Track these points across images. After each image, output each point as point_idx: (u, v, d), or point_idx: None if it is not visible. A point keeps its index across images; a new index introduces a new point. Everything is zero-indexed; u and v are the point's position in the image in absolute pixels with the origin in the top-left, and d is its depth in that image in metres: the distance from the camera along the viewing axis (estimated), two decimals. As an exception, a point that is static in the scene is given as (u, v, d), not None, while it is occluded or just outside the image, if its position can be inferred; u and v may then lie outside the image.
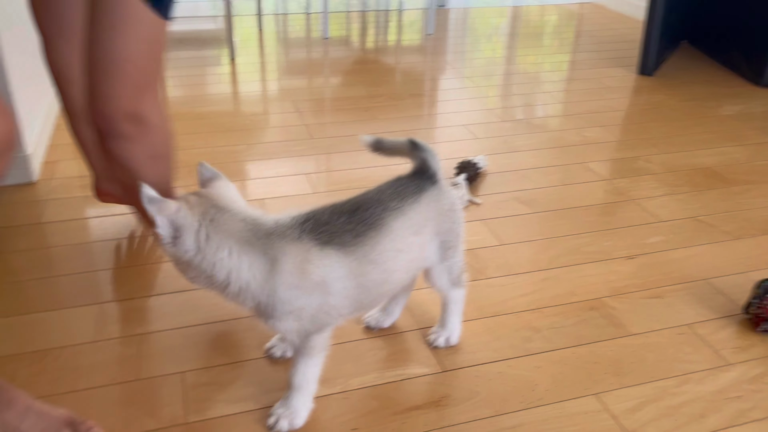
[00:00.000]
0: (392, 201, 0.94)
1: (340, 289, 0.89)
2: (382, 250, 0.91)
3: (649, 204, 1.59)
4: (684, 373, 1.07)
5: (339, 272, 0.88)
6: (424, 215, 0.97)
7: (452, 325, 1.12)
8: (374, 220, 0.91)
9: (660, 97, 2.31)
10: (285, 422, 0.94)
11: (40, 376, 1.03)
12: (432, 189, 0.99)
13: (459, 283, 1.08)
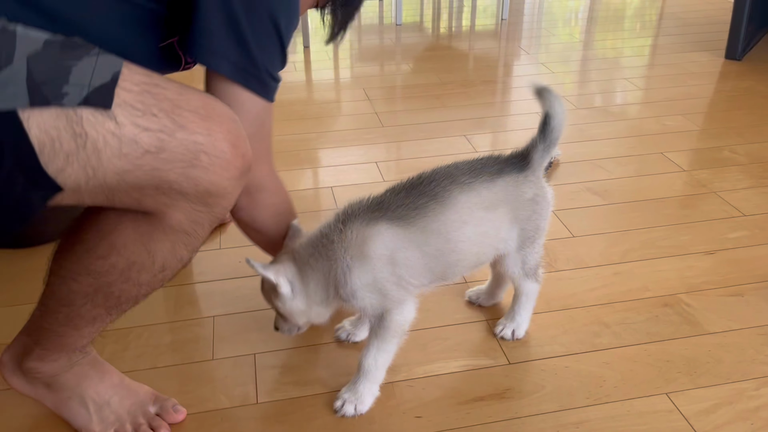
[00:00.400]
0: (463, 176, 0.97)
1: (404, 259, 0.92)
2: (445, 221, 0.94)
3: (732, 197, 1.52)
4: (763, 375, 1.03)
5: (397, 243, 0.92)
6: (499, 196, 0.98)
7: (520, 318, 1.11)
8: (437, 192, 0.94)
9: (748, 83, 2.19)
10: (351, 407, 0.97)
11: (125, 353, 1.09)
12: (515, 174, 1.00)
13: (533, 276, 1.08)
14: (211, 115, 0.76)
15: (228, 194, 0.80)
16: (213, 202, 0.79)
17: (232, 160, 0.77)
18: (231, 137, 0.77)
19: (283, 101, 2.11)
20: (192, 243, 0.83)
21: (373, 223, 0.92)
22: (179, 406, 0.96)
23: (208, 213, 0.80)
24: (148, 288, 0.85)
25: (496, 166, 1.00)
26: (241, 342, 1.11)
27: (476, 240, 0.98)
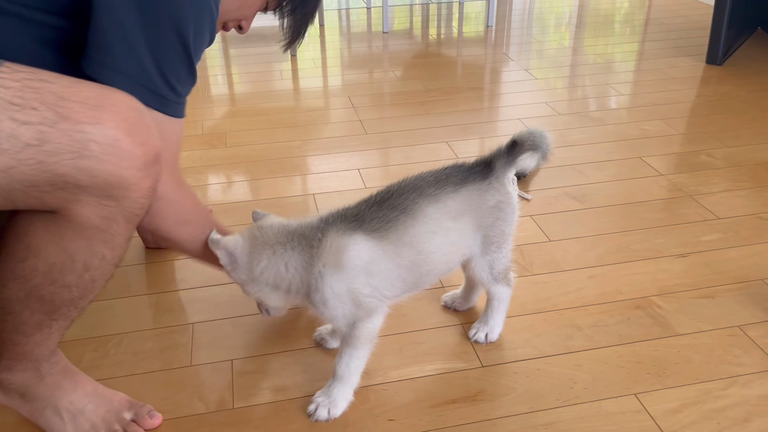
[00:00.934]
0: (429, 188, 0.99)
1: (378, 271, 0.95)
2: (415, 233, 0.96)
3: (707, 200, 1.54)
4: (731, 375, 1.05)
5: (372, 255, 0.94)
6: (463, 205, 1.00)
7: (494, 321, 1.13)
8: (407, 205, 0.97)
9: (728, 88, 2.21)
10: (324, 411, 0.99)
11: (104, 360, 1.11)
12: (479, 182, 1.02)
13: (503, 280, 1.10)
14: (102, 105, 0.75)
15: (133, 186, 0.78)
16: (119, 195, 0.78)
17: (130, 149, 0.76)
18: (126, 125, 0.76)
19: (270, 109, 2.14)
20: (111, 240, 0.82)
21: (349, 234, 0.94)
22: (155, 412, 0.97)
23: (117, 207, 0.79)
24: (80, 290, 0.85)
25: (460, 175, 1.02)
26: (219, 348, 1.13)
27: (446, 249, 1.00)
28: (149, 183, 0.81)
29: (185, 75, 0.90)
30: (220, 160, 1.79)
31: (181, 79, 0.90)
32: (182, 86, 0.92)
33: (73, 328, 1.17)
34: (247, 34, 2.98)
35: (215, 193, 1.63)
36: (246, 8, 1.04)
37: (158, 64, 0.86)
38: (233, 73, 2.51)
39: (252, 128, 2.00)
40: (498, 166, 1.02)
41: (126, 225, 0.83)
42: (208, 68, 2.57)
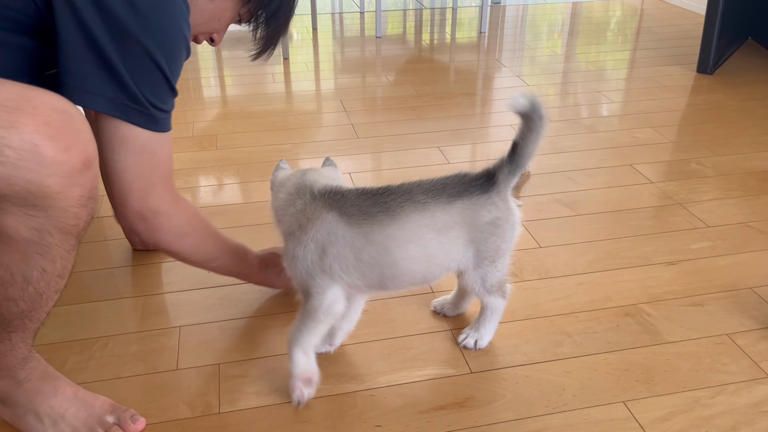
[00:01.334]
0: (421, 195, 0.98)
1: (336, 254, 0.96)
2: (388, 234, 0.95)
3: (697, 208, 1.54)
4: (719, 384, 1.05)
5: (335, 237, 0.96)
6: (455, 219, 0.98)
7: (485, 329, 1.13)
8: (391, 206, 0.96)
9: (718, 97, 2.23)
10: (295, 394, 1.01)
11: (89, 363, 1.10)
12: (477, 195, 0.99)
13: (497, 292, 1.08)
14: (21, 107, 0.70)
15: (58, 195, 0.74)
16: (44, 205, 0.74)
17: (52, 155, 0.72)
18: (47, 129, 0.71)
19: (262, 112, 2.13)
20: (48, 253, 0.79)
21: (326, 209, 0.97)
22: (138, 416, 0.96)
23: (46, 218, 0.76)
24: (27, 303, 0.83)
25: (459, 187, 0.99)
26: (206, 352, 1.12)
27: (421, 260, 0.98)
28: (79, 191, 0.77)
29: (165, 92, 0.91)
30: (211, 163, 1.78)
31: (162, 97, 0.91)
32: (164, 103, 0.92)
33: (57, 330, 1.16)
34: (239, 36, 2.98)
35: (205, 196, 1.62)
36: (215, 22, 1.03)
37: (139, 83, 0.86)
38: (225, 75, 2.50)
39: (243, 131, 1.99)
40: (501, 178, 1.00)
41: (62, 236, 0.79)
42: (200, 70, 2.56)
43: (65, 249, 0.81)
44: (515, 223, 1.03)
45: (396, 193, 0.98)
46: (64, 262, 0.83)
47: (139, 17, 0.83)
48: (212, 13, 1.01)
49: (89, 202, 0.80)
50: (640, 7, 3.52)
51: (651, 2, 3.61)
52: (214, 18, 1.02)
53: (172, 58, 0.89)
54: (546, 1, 3.70)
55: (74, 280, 1.30)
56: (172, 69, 0.90)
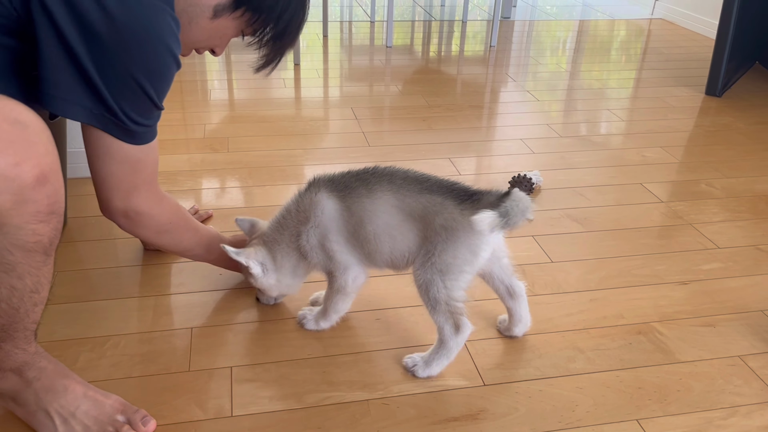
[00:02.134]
0: (401, 180, 1.03)
1: (332, 228, 1.06)
2: (365, 207, 1.03)
3: (707, 229, 1.55)
4: (732, 405, 1.05)
5: (327, 213, 1.05)
6: (417, 210, 1.02)
7: (430, 359, 1.07)
8: (372, 182, 1.04)
9: (727, 120, 2.24)
10: (312, 323, 1.16)
11: (100, 361, 1.09)
12: (450, 201, 1.00)
13: (445, 316, 1.03)
14: None
15: (9, 212, 0.71)
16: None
17: (1, 171, 0.69)
18: None
19: (272, 116, 2.13)
20: (13, 270, 0.76)
21: (315, 192, 1.07)
22: (149, 418, 0.95)
23: (0, 236, 0.72)
24: (4, 318, 0.82)
25: (438, 186, 1.02)
26: (218, 354, 1.11)
27: (385, 237, 1.04)
28: (34, 207, 0.74)
29: (147, 108, 0.90)
30: (222, 165, 1.78)
31: (144, 112, 0.90)
32: (146, 119, 0.92)
33: (68, 327, 1.15)
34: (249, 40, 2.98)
35: (216, 198, 1.61)
36: (216, 39, 1.01)
37: (118, 102, 0.86)
38: (235, 78, 2.51)
39: (254, 134, 1.99)
40: (483, 204, 0.99)
41: (24, 254, 0.76)
42: (208, 72, 2.56)
43: (32, 266, 0.79)
44: (477, 249, 1.00)
45: (379, 173, 1.05)
46: (34, 278, 0.80)
47: (119, 35, 0.81)
48: (213, 31, 0.99)
49: (50, 218, 0.77)
50: (648, 27, 3.54)
51: (658, 23, 3.64)
52: (215, 36, 1.00)
53: (156, 75, 0.87)
54: (554, 17, 3.73)
55: (84, 277, 1.29)
56: (156, 86, 0.88)
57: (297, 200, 1.10)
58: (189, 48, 1.01)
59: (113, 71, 0.83)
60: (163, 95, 0.91)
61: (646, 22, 3.67)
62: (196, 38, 0.98)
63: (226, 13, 0.96)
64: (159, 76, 0.88)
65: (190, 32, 0.96)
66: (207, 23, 0.97)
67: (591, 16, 3.80)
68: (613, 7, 4.02)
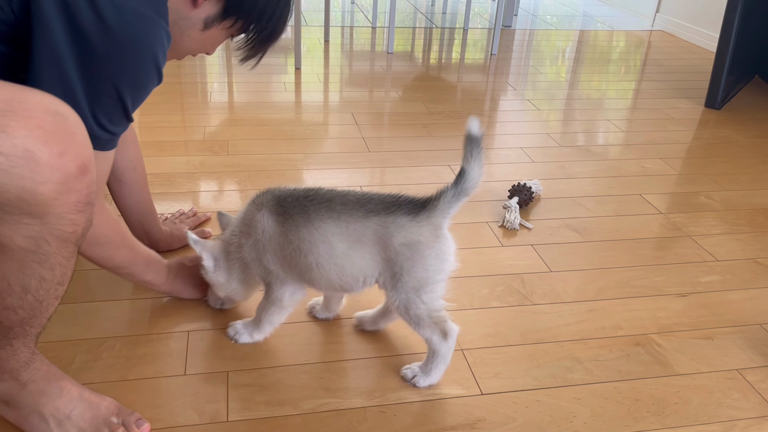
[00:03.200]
0: (341, 205, 1.00)
1: (269, 249, 1.04)
2: (300, 237, 1.00)
3: (706, 242, 1.55)
4: (729, 419, 1.05)
5: (266, 234, 1.04)
6: (368, 234, 0.98)
7: (428, 369, 1.07)
8: (310, 210, 1.00)
9: (726, 132, 2.25)
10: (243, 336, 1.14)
11: (96, 363, 1.08)
12: (395, 216, 0.98)
13: (431, 328, 1.03)
14: (13, 109, 0.67)
15: (53, 202, 0.72)
16: (38, 212, 0.72)
17: (46, 160, 0.69)
18: (41, 133, 0.69)
19: (272, 120, 2.13)
20: (46, 261, 0.77)
21: (258, 209, 1.05)
22: (143, 421, 0.95)
23: (41, 225, 0.73)
24: (27, 311, 0.81)
25: (382, 205, 0.98)
26: (215, 358, 1.11)
27: (329, 268, 1.00)
28: (75, 197, 0.75)
29: (119, 117, 0.89)
30: (222, 168, 1.78)
31: (114, 120, 0.89)
32: (115, 127, 0.91)
33: (64, 328, 1.15)
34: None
35: (214, 201, 1.61)
36: (208, 46, 1.02)
37: (92, 108, 0.85)
38: (236, 81, 2.50)
39: (254, 137, 1.98)
40: (442, 203, 0.97)
41: (60, 244, 0.77)
42: (208, 74, 2.56)
43: (64, 256, 0.80)
44: (444, 254, 0.99)
45: (318, 198, 1.01)
46: (63, 270, 0.81)
47: (111, 43, 0.81)
48: (204, 40, 1.00)
49: (86, 208, 0.78)
50: (648, 39, 3.56)
51: (658, 35, 3.65)
52: (206, 44, 1.01)
53: (138, 87, 0.87)
54: (554, 27, 3.74)
55: (80, 278, 1.28)
56: (134, 97, 0.88)
57: (244, 211, 1.08)
58: (182, 55, 1.01)
59: (96, 77, 0.83)
60: (137, 107, 0.91)
61: (647, 33, 3.68)
62: (189, 48, 1.00)
63: (216, 24, 0.97)
64: (140, 87, 0.88)
65: (182, 43, 0.97)
66: (198, 35, 0.98)
67: (591, 26, 3.82)
68: (614, 18, 4.03)
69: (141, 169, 1.29)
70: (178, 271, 1.21)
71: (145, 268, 1.15)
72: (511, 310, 1.27)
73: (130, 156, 1.26)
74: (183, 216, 1.50)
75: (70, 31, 0.79)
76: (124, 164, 1.25)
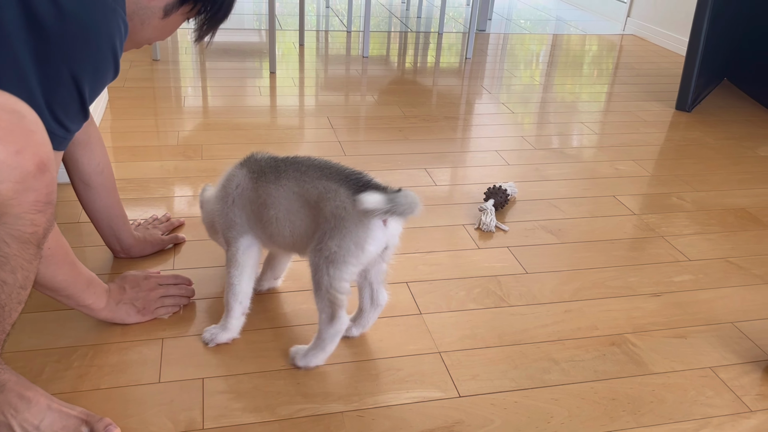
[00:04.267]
0: (305, 167, 1.07)
1: (238, 204, 1.11)
2: (269, 193, 1.08)
3: (678, 242, 1.57)
4: (704, 417, 1.06)
5: (239, 189, 1.12)
6: (312, 197, 1.04)
7: (309, 350, 1.09)
8: (281, 170, 1.08)
9: (696, 134, 2.29)
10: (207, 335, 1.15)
11: (67, 372, 1.06)
12: (337, 188, 1.02)
13: (324, 304, 1.04)
14: None
15: (10, 201, 0.71)
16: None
17: (3, 159, 0.68)
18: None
19: (247, 124, 2.11)
20: (7, 263, 0.75)
21: (239, 167, 1.13)
22: (113, 427, 0.92)
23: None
24: None
25: (340, 175, 1.03)
26: (189, 366, 1.09)
27: (285, 223, 1.07)
28: (34, 197, 0.73)
29: (75, 111, 0.88)
30: (196, 172, 1.76)
31: (70, 115, 0.88)
32: (71, 123, 0.89)
33: (33, 337, 1.12)
34: (224, 48, 2.96)
35: (188, 206, 1.59)
36: (167, 32, 1.02)
37: (48, 100, 0.83)
38: (208, 86, 2.48)
39: (229, 142, 1.97)
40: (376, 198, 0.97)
41: (20, 246, 0.75)
42: (182, 79, 2.53)
43: (25, 259, 0.78)
44: (361, 242, 0.99)
45: (292, 162, 1.09)
46: (25, 273, 0.79)
47: (66, 29, 0.79)
48: (164, 27, 1.00)
49: (46, 207, 0.76)
50: (619, 43, 3.61)
51: (629, 39, 3.70)
52: (166, 31, 1.01)
53: (95, 75, 0.85)
54: (528, 31, 3.77)
55: (52, 285, 1.26)
56: (91, 87, 0.86)
57: (227, 171, 1.16)
58: (141, 44, 1.01)
59: (52, 65, 0.81)
60: (93, 99, 0.89)
61: (618, 37, 3.74)
62: (149, 36, 0.99)
63: (175, 10, 0.98)
64: (97, 76, 0.86)
65: (142, 32, 0.96)
66: (158, 23, 0.98)
67: (564, 30, 3.86)
68: (586, 23, 4.08)
69: (109, 172, 1.27)
70: (119, 297, 1.15)
71: (86, 290, 1.08)
72: (488, 312, 1.28)
73: (98, 159, 1.24)
74: (156, 221, 1.48)
75: (24, 17, 0.77)
76: (92, 168, 1.23)
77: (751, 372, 1.16)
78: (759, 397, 1.10)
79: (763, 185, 1.91)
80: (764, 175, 1.98)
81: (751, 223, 1.68)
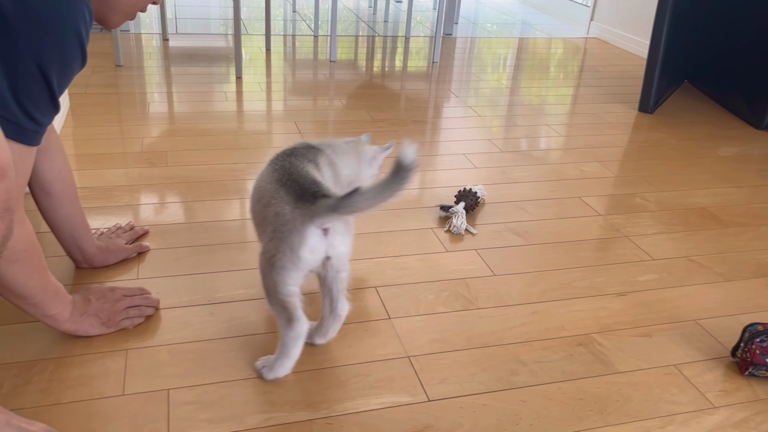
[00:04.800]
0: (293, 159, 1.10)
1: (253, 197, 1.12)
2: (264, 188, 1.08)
3: (642, 241, 1.60)
4: (669, 414, 1.07)
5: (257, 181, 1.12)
6: (266, 197, 1.06)
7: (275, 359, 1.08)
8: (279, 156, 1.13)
9: (659, 136, 2.33)
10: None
11: (27, 387, 1.03)
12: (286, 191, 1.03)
13: (279, 313, 1.04)
14: None
15: None
16: None
17: None
18: None
19: (213, 130, 2.09)
20: None
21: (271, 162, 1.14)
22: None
23: None
24: None
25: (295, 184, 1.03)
26: (155, 377, 1.07)
27: (259, 219, 1.09)
28: None
29: (45, 104, 0.86)
30: (161, 179, 1.73)
31: (41, 107, 0.86)
32: (42, 116, 0.88)
33: (-8, 352, 1.09)
34: (190, 54, 2.93)
35: (154, 213, 1.56)
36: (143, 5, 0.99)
37: (15, 92, 0.81)
38: (174, 91, 2.45)
39: (195, 148, 1.94)
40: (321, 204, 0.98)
41: None
42: (147, 84, 2.50)
43: None
44: (294, 247, 0.98)
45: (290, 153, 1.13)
46: None
47: (27, 18, 0.78)
48: None
49: (5, 214, 0.74)
50: (584, 46, 3.66)
51: (593, 42, 3.76)
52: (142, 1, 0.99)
53: (62, 64, 0.84)
54: (494, 35, 3.81)
55: (11, 298, 1.22)
56: (60, 77, 0.84)
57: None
58: (132, 15, 0.99)
59: (17, 57, 0.79)
60: (63, 90, 0.87)
61: (582, 41, 3.79)
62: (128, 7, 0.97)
63: None
64: (65, 65, 0.84)
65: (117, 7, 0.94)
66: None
67: (530, 34, 3.90)
68: (551, 26, 4.14)
69: (70, 180, 1.24)
70: (84, 308, 1.13)
71: (54, 298, 1.05)
72: (457, 315, 1.28)
73: (58, 167, 1.21)
74: (119, 230, 1.45)
75: None
76: (52, 176, 1.20)
77: (714, 369, 1.18)
78: (722, 393, 1.13)
79: (723, 185, 1.95)
80: (724, 175, 2.03)
81: (712, 222, 1.72)
